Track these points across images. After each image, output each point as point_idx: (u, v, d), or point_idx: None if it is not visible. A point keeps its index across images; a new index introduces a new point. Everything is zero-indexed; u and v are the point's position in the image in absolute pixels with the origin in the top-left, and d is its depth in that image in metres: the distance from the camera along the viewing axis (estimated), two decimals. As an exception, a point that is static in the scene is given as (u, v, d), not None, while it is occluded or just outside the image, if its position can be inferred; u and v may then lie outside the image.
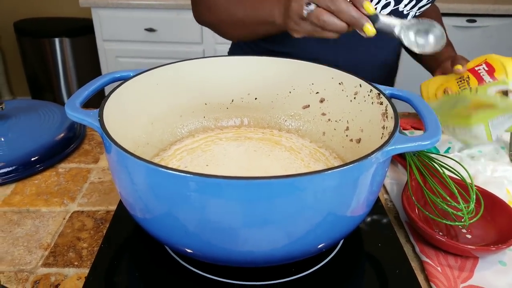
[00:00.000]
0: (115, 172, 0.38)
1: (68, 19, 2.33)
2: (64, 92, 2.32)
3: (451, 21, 1.94)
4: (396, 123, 0.39)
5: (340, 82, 0.52)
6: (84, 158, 0.65)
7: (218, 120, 0.59)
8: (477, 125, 0.58)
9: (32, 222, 0.52)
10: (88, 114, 0.38)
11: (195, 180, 0.32)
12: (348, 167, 0.33)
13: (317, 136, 0.57)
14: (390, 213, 0.55)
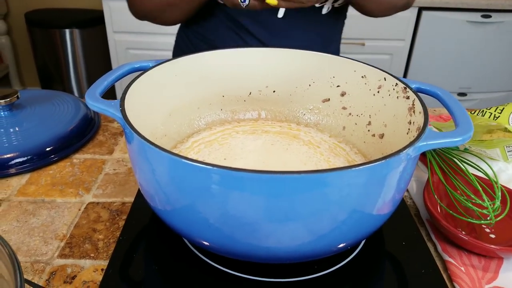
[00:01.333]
0: (136, 163, 0.38)
1: (79, 10, 2.32)
2: (74, 83, 2.32)
3: (465, 16, 1.91)
4: (426, 118, 0.38)
5: (363, 76, 0.51)
6: (98, 149, 0.65)
7: (235, 112, 0.58)
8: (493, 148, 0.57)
9: (47, 213, 0.52)
10: (109, 104, 0.37)
11: (219, 173, 0.31)
12: (378, 164, 0.31)
13: (337, 130, 0.55)
14: (411, 210, 0.54)
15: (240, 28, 0.76)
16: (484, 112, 0.60)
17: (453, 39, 1.96)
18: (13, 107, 0.67)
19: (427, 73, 2.08)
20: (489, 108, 0.60)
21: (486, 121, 0.58)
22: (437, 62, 2.04)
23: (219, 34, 0.78)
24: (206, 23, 0.79)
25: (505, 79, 2.11)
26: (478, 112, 0.61)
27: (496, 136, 0.56)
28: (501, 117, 0.58)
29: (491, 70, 2.08)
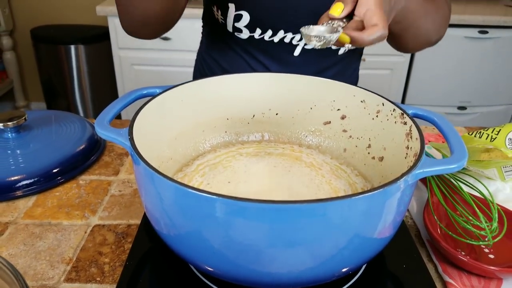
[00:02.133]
0: (143, 188, 0.39)
1: (84, 27, 2.36)
2: (78, 98, 2.35)
3: (463, 32, 1.94)
4: (422, 145, 0.39)
5: (362, 100, 0.52)
6: (104, 170, 0.66)
7: (239, 135, 0.59)
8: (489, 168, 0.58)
9: (54, 236, 0.53)
10: (118, 133, 0.39)
11: (224, 202, 0.32)
12: (377, 192, 0.33)
13: (338, 152, 0.57)
14: (411, 231, 0.55)
15: (255, 62, 0.78)
16: (481, 134, 0.61)
17: (452, 54, 1.99)
18: (21, 129, 0.68)
19: (427, 87, 2.10)
20: (486, 129, 0.61)
21: (483, 143, 0.59)
22: (437, 76, 2.06)
23: (234, 65, 0.80)
24: (223, 54, 0.81)
25: (504, 93, 2.13)
26: (475, 133, 0.62)
27: (494, 156, 0.57)
28: (498, 139, 0.59)
29: (490, 84, 2.10)
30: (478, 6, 2.09)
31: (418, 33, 0.69)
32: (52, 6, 2.44)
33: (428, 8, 0.67)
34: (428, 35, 0.72)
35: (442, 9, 0.73)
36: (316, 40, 0.45)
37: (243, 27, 0.72)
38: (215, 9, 0.75)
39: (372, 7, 0.47)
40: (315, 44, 0.45)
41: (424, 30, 0.69)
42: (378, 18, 0.46)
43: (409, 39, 0.70)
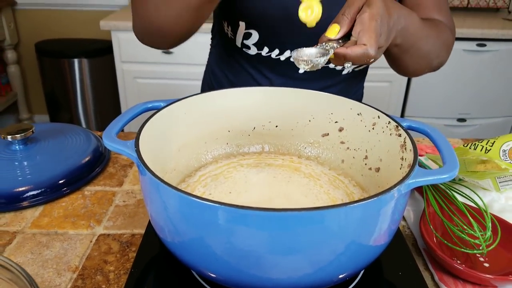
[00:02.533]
0: (148, 197, 0.41)
1: (87, 41, 2.40)
2: (81, 111, 2.38)
3: (461, 45, 1.97)
4: (415, 156, 0.41)
5: (358, 113, 0.54)
6: (109, 181, 0.68)
7: (240, 146, 0.61)
8: (484, 179, 0.59)
9: (60, 245, 0.54)
10: (125, 145, 0.41)
11: (226, 210, 0.33)
12: (371, 200, 0.34)
13: (336, 163, 0.58)
14: (408, 240, 0.56)
15: (261, 76, 0.81)
16: (476, 145, 0.63)
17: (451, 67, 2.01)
18: (28, 141, 0.70)
19: (427, 100, 2.12)
20: (481, 141, 0.63)
21: (478, 155, 0.61)
22: (436, 89, 2.08)
23: (241, 79, 0.82)
24: (231, 67, 0.83)
25: (503, 105, 2.16)
26: (470, 145, 0.64)
27: (490, 167, 0.59)
28: (492, 150, 0.61)
29: (489, 97, 2.12)
30: (476, 20, 2.12)
31: (418, 56, 0.69)
32: (56, 21, 2.48)
33: (428, 31, 0.67)
34: (429, 59, 0.72)
35: (444, 34, 0.73)
36: (304, 63, 0.47)
37: (251, 44, 0.75)
38: (225, 24, 0.77)
39: (365, 27, 0.48)
40: (303, 67, 0.47)
41: (425, 53, 0.69)
42: (367, 39, 0.48)
43: (410, 62, 0.70)
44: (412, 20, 0.60)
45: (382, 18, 0.50)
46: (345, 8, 0.51)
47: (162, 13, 0.60)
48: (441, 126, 2.18)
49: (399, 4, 0.57)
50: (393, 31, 0.54)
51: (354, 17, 0.50)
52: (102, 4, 2.42)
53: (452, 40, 0.76)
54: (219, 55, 0.87)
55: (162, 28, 0.63)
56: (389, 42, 0.54)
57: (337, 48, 0.48)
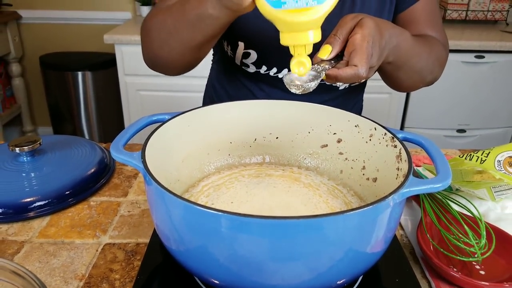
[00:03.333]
0: (154, 206, 0.42)
1: (91, 54, 2.44)
2: (84, 123, 2.40)
3: (460, 57, 1.99)
4: (410, 166, 0.43)
5: (356, 125, 0.56)
6: (114, 192, 0.70)
7: (242, 157, 0.63)
8: (480, 189, 0.61)
9: (67, 254, 0.56)
10: (132, 156, 0.43)
11: (228, 218, 0.35)
12: (367, 209, 0.36)
13: (335, 174, 0.60)
14: (406, 248, 0.57)
15: (260, 92, 0.83)
16: (472, 156, 0.65)
17: (450, 78, 2.04)
18: (35, 153, 0.72)
19: (426, 111, 2.14)
20: (476, 152, 0.65)
21: (473, 165, 0.62)
22: (436, 100, 2.10)
23: (240, 94, 0.85)
24: (231, 82, 0.86)
25: (502, 116, 2.17)
26: (466, 156, 0.66)
27: (486, 177, 0.60)
28: (487, 161, 0.63)
29: (488, 108, 2.14)
30: (474, 32, 2.15)
31: (411, 73, 0.70)
32: (60, 34, 2.52)
33: (421, 48, 0.68)
34: (422, 75, 0.74)
35: (437, 50, 0.74)
36: (295, 88, 0.49)
37: (250, 63, 0.77)
38: (225, 43, 0.80)
39: (357, 48, 0.50)
40: (294, 91, 0.49)
41: (418, 69, 0.71)
42: (359, 60, 0.49)
43: (403, 78, 0.72)
44: (404, 38, 0.62)
45: (374, 39, 0.52)
46: (337, 28, 0.53)
47: (165, 50, 0.66)
48: (441, 137, 2.20)
49: (390, 23, 0.59)
50: (385, 50, 0.56)
51: (346, 37, 0.52)
52: (106, 18, 2.46)
53: (445, 55, 0.78)
54: (219, 70, 0.89)
55: (167, 63, 0.69)
56: (381, 61, 0.56)
57: (328, 70, 0.50)
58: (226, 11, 0.53)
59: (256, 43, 0.74)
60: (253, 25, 0.73)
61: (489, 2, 2.23)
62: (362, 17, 0.53)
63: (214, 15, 0.55)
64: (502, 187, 0.61)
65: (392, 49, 0.58)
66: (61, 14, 2.47)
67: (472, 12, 2.23)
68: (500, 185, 0.61)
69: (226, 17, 0.55)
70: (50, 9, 2.46)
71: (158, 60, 0.70)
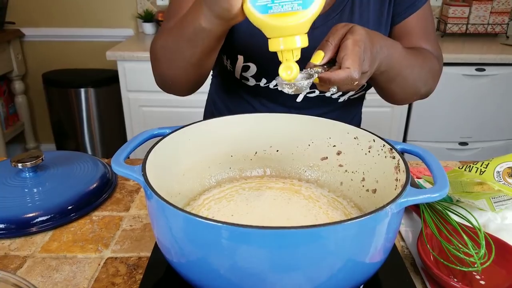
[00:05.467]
0: (154, 219, 0.43)
1: (94, 71, 2.47)
2: (87, 140, 2.41)
3: (460, 70, 2.01)
4: (407, 176, 0.43)
5: (355, 137, 0.57)
6: (116, 207, 0.70)
7: (243, 170, 0.64)
8: (480, 200, 0.61)
9: (69, 268, 0.56)
10: (132, 170, 0.43)
11: (229, 229, 0.36)
12: (366, 218, 0.36)
13: (335, 186, 0.60)
14: (407, 259, 0.58)
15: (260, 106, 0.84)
16: (471, 167, 0.65)
17: (451, 91, 2.05)
18: (38, 169, 0.73)
19: (428, 124, 2.15)
20: (476, 163, 0.65)
21: (472, 177, 0.63)
22: (437, 113, 2.11)
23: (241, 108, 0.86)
24: (231, 97, 0.87)
25: (504, 128, 2.18)
26: (465, 167, 0.66)
27: (487, 188, 0.61)
28: (486, 172, 0.63)
29: (490, 120, 2.14)
30: (475, 45, 2.17)
31: (405, 84, 0.70)
32: (63, 52, 2.55)
33: (413, 59, 0.69)
34: (416, 87, 0.74)
35: (430, 62, 0.75)
36: (288, 87, 0.50)
37: (249, 76, 0.78)
38: (224, 57, 0.81)
39: (348, 52, 0.51)
40: (287, 90, 0.50)
41: (411, 81, 0.71)
42: (351, 62, 0.50)
43: (397, 90, 0.72)
44: (396, 49, 0.63)
45: (365, 45, 0.53)
46: (329, 35, 0.54)
47: (172, 70, 0.70)
48: (443, 150, 2.20)
49: (382, 35, 0.60)
50: (377, 58, 0.57)
51: (338, 43, 0.53)
52: (108, 35, 2.50)
53: (439, 68, 0.79)
54: (219, 85, 0.91)
55: (174, 83, 0.72)
56: (373, 69, 0.57)
57: (321, 73, 0.51)
58: (218, 22, 0.54)
59: (255, 56, 0.76)
60: (251, 38, 0.74)
61: (489, 16, 2.25)
62: (353, 25, 0.55)
63: (207, 28, 0.57)
64: (502, 198, 0.61)
65: (384, 58, 0.59)
66: (63, 32, 2.50)
67: (472, 26, 2.25)
68: (500, 196, 0.61)
69: (220, 27, 0.56)
70: (53, 26, 2.50)
71: (167, 81, 0.73)
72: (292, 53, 0.48)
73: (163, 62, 0.70)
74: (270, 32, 0.47)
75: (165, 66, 0.70)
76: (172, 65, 0.68)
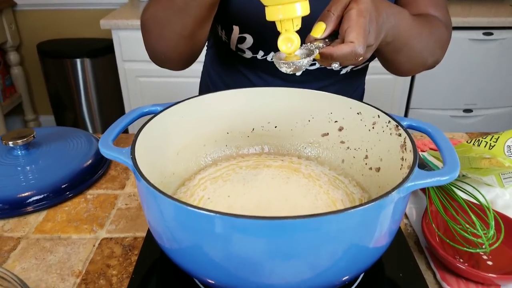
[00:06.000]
0: (145, 204, 0.41)
1: (89, 40, 2.40)
2: (85, 110, 2.38)
3: (467, 34, 1.94)
4: (415, 157, 0.41)
5: (358, 112, 0.54)
6: (111, 184, 0.68)
7: (240, 148, 0.61)
8: (488, 176, 0.59)
9: (64, 249, 0.55)
10: (121, 152, 0.41)
11: (222, 219, 0.33)
12: (370, 206, 0.34)
13: (336, 163, 0.58)
14: (410, 238, 0.56)
15: (257, 79, 0.80)
16: (480, 141, 0.62)
17: (456, 57, 1.99)
18: (30, 146, 0.70)
19: (432, 91, 2.10)
20: (485, 137, 0.62)
21: (482, 152, 0.60)
22: (441, 80, 2.06)
23: (237, 81, 0.82)
24: (226, 69, 0.83)
25: (510, 94, 2.13)
26: (474, 141, 0.63)
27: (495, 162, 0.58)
28: (496, 146, 0.60)
29: (495, 86, 2.09)
30: (482, 8, 2.08)
31: (411, 55, 0.66)
32: (57, 21, 2.48)
33: (421, 29, 0.64)
34: (423, 57, 0.70)
35: (438, 31, 0.70)
36: (286, 66, 0.45)
37: (246, 48, 0.74)
38: (219, 28, 0.77)
39: (352, 24, 0.46)
40: (285, 70, 0.45)
41: (418, 51, 0.67)
42: (355, 36, 0.45)
43: (403, 61, 0.68)
44: (403, 17, 0.58)
45: (371, 15, 0.48)
46: (331, 4, 0.49)
47: (162, 43, 0.65)
48: (447, 117, 2.16)
49: (388, 2, 0.55)
50: (383, 29, 0.52)
51: (341, 14, 0.48)
52: (102, 3, 2.41)
53: (447, 37, 0.74)
54: (214, 57, 0.86)
55: (166, 56, 0.68)
56: (379, 41, 0.52)
57: (322, 48, 0.46)
58: None
59: (252, 27, 0.71)
60: (247, 7, 0.70)
61: (498, -24, 2.15)
62: None
63: None
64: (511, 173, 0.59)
65: (390, 28, 0.55)
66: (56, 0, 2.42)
67: (480, -13, 2.16)
68: (510, 172, 0.59)
69: None
70: (45, -6, 2.42)
71: (158, 54, 0.69)
72: (292, 22, 0.44)
73: (153, 34, 0.66)
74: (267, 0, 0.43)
75: (155, 39, 0.66)
76: (162, 38, 0.64)
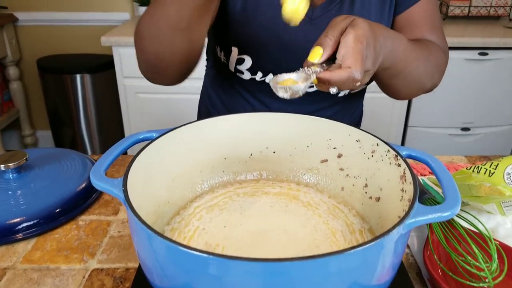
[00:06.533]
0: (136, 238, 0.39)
1: (89, 56, 2.40)
2: (84, 126, 2.37)
3: (463, 54, 1.95)
4: (415, 191, 0.39)
5: (357, 140, 0.53)
6: (104, 210, 0.66)
7: (237, 174, 0.60)
8: (489, 204, 0.57)
9: (52, 281, 0.53)
10: (112, 184, 0.39)
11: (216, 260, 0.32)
12: (371, 245, 0.32)
13: (336, 191, 0.56)
14: (412, 269, 0.54)
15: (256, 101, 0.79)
16: (479, 168, 0.61)
17: (453, 76, 1.99)
18: (22, 169, 0.69)
19: (430, 109, 2.10)
20: (484, 164, 0.61)
21: (481, 180, 0.59)
22: (439, 98, 2.06)
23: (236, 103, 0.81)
24: (225, 90, 0.82)
25: (507, 113, 2.13)
26: (473, 168, 0.62)
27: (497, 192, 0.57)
28: (496, 173, 0.59)
29: (492, 105, 2.10)
30: (477, 28, 2.10)
31: (409, 80, 0.65)
32: (57, 37, 2.49)
33: (418, 53, 0.64)
34: (421, 82, 0.69)
35: (436, 55, 0.70)
36: (283, 91, 0.44)
37: (245, 70, 0.73)
38: (218, 49, 0.76)
39: (349, 50, 0.45)
40: (282, 95, 0.45)
41: (416, 76, 0.66)
42: (352, 61, 0.45)
43: (401, 86, 0.67)
44: (400, 42, 0.57)
45: (368, 40, 0.47)
46: (328, 29, 0.48)
47: (156, 40, 0.60)
48: (445, 135, 2.16)
49: (385, 27, 0.54)
50: (380, 54, 0.51)
51: (338, 39, 0.47)
52: (103, 20, 2.43)
53: (445, 61, 0.73)
54: (213, 77, 0.86)
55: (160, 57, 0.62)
56: (376, 66, 0.51)
57: (320, 73, 0.45)
58: None
59: (250, 48, 0.71)
60: (246, 29, 0.69)
61: (492, -3, 2.18)
62: (355, 17, 0.49)
63: None
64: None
65: (387, 54, 0.54)
66: (57, 16, 2.43)
67: (474, 8, 2.18)
68: (511, 200, 0.57)
69: None
70: (47, 10, 2.43)
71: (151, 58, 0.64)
72: None
73: (146, 35, 0.61)
74: None
75: (148, 40, 0.61)
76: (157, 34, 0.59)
